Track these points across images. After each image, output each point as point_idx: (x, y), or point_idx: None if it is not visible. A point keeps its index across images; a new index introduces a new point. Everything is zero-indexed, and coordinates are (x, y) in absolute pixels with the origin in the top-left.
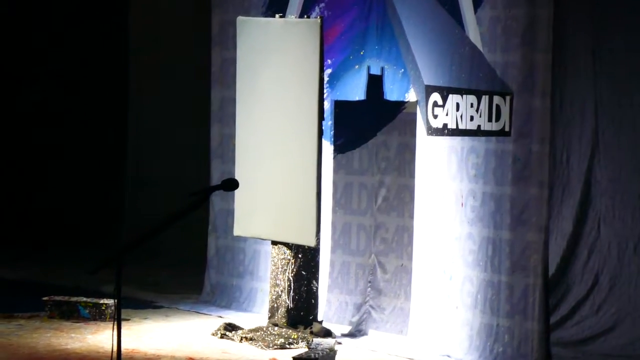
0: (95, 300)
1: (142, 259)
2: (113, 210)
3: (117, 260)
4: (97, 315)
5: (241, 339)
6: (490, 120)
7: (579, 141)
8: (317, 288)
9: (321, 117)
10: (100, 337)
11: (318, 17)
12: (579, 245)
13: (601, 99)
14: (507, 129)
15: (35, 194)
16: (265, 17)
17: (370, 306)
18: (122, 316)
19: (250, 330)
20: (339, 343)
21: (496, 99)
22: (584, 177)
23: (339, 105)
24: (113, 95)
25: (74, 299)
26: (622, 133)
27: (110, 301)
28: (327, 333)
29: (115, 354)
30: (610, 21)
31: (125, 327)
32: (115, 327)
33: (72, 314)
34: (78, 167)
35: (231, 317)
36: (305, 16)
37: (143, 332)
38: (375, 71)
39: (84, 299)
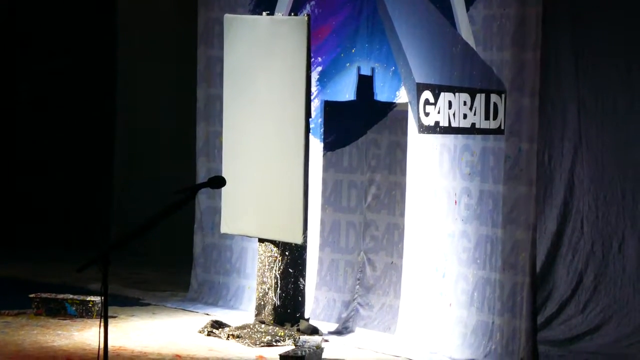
0: (82, 297)
1: (129, 256)
2: (100, 208)
3: (104, 258)
4: (83, 312)
5: (228, 337)
6: (487, 118)
7: (561, 141)
8: (304, 285)
9: (308, 114)
10: (87, 334)
11: (305, 14)
12: (562, 245)
13: (584, 100)
14: (502, 127)
15: (22, 193)
16: (253, 15)
17: (359, 303)
18: (109, 313)
19: (237, 328)
20: (326, 340)
21: (493, 97)
22: (566, 177)
23: (329, 105)
24: (100, 95)
25: (61, 296)
26: (605, 133)
27: (97, 298)
28: (314, 330)
29: (101, 351)
30: (591, 22)
31: (112, 325)
32: (102, 324)
33: (59, 312)
34: (65, 165)
35: (218, 314)
36: (293, 14)
37: (130, 329)
38: (366, 72)
39: (71, 296)
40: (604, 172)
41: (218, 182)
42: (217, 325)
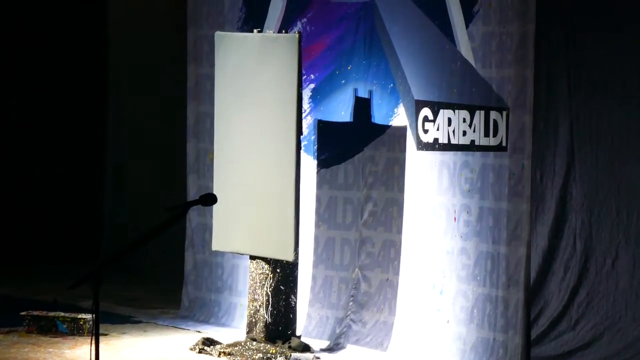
0: (73, 315)
1: (120, 274)
2: (92, 226)
3: (96, 276)
4: (75, 330)
5: (219, 354)
6: (487, 135)
7: (553, 158)
8: (295, 303)
9: (299, 132)
10: (79, 352)
11: (296, 32)
12: (554, 262)
13: (577, 117)
14: (504, 144)
15: (13, 210)
16: (242, 32)
17: (351, 320)
18: (100, 331)
19: (229, 345)
20: (317, 358)
21: (493, 114)
22: (558, 194)
23: (323, 123)
24: (91, 110)
25: (52, 313)
26: (599, 150)
27: (89, 316)
28: (306, 348)
29: None
30: (585, 38)
31: (104, 342)
32: (94, 342)
33: (50, 329)
34: (57, 182)
35: (209, 331)
36: (284, 31)
37: (121, 347)
38: (363, 93)
39: (62, 313)
40: (598, 188)
41: (209, 199)
42: (209, 342)
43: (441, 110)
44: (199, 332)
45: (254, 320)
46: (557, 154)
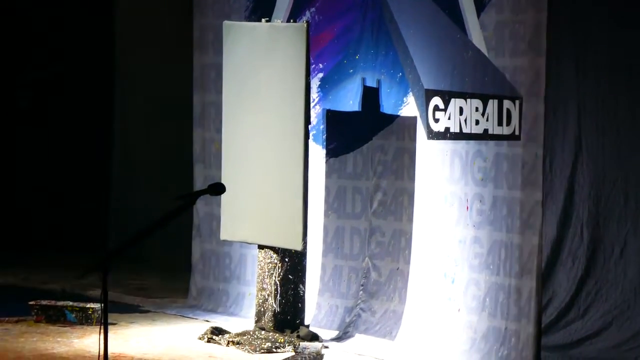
0: (81, 304)
1: (128, 263)
2: (99, 215)
3: (104, 265)
4: (83, 319)
5: (228, 343)
6: (500, 124)
7: (562, 147)
8: (303, 292)
9: (307, 121)
10: (87, 341)
11: (304, 21)
12: (563, 251)
13: (584, 106)
14: (517, 133)
15: (20, 198)
16: (249, 21)
17: (361, 309)
18: (109, 320)
19: (237, 334)
20: (326, 347)
21: (506, 103)
22: (566, 183)
23: (332, 113)
24: (99, 99)
25: (61, 303)
26: (606, 139)
27: (97, 305)
28: (314, 337)
29: (101, 358)
30: (592, 26)
31: (112, 331)
32: (102, 331)
33: (59, 318)
34: (63, 170)
35: (218, 321)
36: (292, 20)
37: (129, 336)
38: (371, 83)
39: (71, 303)
40: (605, 177)
41: (218, 188)
42: (217, 331)
43: (452, 99)
44: (207, 321)
45: (262, 309)
46: (565, 143)
